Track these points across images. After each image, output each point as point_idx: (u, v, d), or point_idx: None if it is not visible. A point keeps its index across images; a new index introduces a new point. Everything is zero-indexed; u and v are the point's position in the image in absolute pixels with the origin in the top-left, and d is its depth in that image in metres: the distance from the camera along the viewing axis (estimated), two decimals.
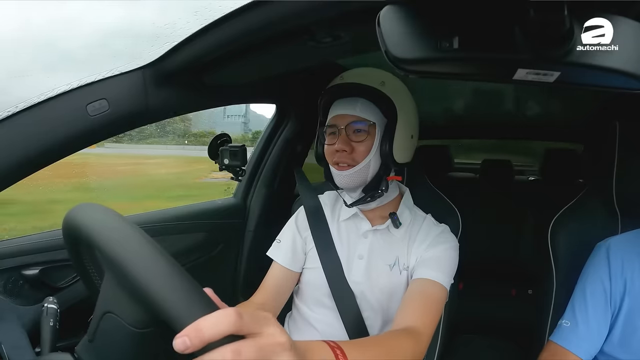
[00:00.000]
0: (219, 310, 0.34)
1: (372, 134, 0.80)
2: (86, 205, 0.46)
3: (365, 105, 0.81)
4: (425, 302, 0.75)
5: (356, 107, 0.80)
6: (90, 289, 0.59)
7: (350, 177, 0.80)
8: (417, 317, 0.72)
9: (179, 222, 1.18)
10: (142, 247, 0.38)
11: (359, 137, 0.80)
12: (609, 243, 0.81)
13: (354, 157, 0.80)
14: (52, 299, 0.57)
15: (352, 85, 0.80)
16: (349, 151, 0.80)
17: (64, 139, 0.69)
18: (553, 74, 0.42)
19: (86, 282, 0.59)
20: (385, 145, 0.80)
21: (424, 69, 0.42)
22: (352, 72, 0.83)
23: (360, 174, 0.81)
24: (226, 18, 0.59)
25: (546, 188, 1.98)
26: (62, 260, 0.88)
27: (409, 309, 0.74)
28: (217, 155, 1.09)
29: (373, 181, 0.82)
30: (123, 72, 0.72)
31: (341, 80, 0.82)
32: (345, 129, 0.81)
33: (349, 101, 0.81)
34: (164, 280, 0.36)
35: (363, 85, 0.80)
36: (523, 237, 1.92)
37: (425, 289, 0.77)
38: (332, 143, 0.82)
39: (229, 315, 0.33)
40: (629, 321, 0.75)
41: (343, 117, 0.81)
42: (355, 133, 0.81)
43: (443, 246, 0.82)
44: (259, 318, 0.35)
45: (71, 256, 0.55)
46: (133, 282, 0.36)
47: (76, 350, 0.48)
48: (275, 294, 0.88)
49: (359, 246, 0.87)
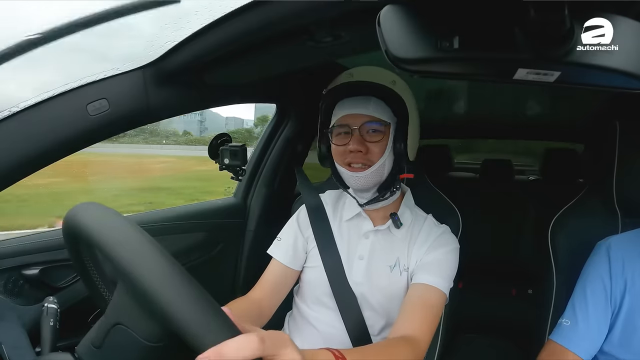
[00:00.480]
0: (241, 335, 0.35)
1: (386, 134, 0.80)
2: (87, 204, 0.46)
3: (378, 104, 0.80)
4: (424, 310, 0.75)
5: (369, 106, 0.79)
6: (91, 289, 0.60)
7: (367, 179, 0.80)
8: (415, 325, 0.72)
9: (179, 222, 1.18)
10: (157, 259, 0.38)
11: (375, 137, 0.79)
12: (609, 242, 0.81)
13: (370, 157, 0.79)
14: (52, 298, 0.57)
15: (364, 84, 0.79)
16: (365, 151, 0.79)
17: (64, 138, 0.69)
18: (553, 74, 0.42)
19: (86, 282, 0.59)
20: (399, 145, 0.80)
21: (424, 69, 0.42)
22: (361, 70, 0.82)
23: (376, 175, 0.80)
24: (227, 18, 0.59)
25: (546, 188, 1.98)
26: (62, 260, 0.88)
27: (408, 317, 0.74)
28: (218, 155, 1.09)
29: (387, 180, 0.82)
30: (123, 72, 0.72)
31: (351, 78, 0.80)
32: (359, 129, 0.79)
33: (361, 100, 0.80)
34: (184, 300, 0.36)
35: (375, 84, 0.78)
36: (523, 237, 1.92)
37: (424, 296, 0.77)
38: (344, 143, 0.80)
39: (252, 341, 0.34)
40: (629, 320, 0.75)
41: (356, 116, 0.80)
42: (370, 133, 0.79)
43: (444, 249, 0.82)
44: (278, 341, 0.37)
45: (71, 256, 0.55)
46: (152, 300, 0.36)
47: (77, 350, 0.48)
48: (273, 291, 0.87)
49: (360, 246, 0.87)
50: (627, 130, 0.90)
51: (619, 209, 0.91)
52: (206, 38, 0.65)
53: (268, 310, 0.85)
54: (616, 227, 0.90)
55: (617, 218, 0.91)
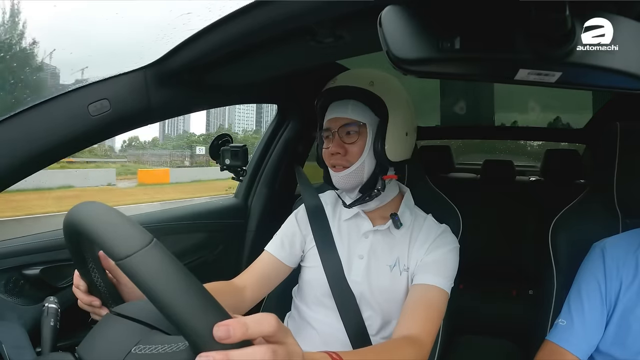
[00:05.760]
0: (261, 314, 0.38)
1: (363, 135, 0.81)
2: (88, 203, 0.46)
3: (356, 106, 0.81)
4: (427, 310, 0.75)
5: (347, 109, 0.82)
6: (91, 289, 0.60)
7: (346, 178, 0.82)
8: (419, 326, 0.72)
9: (180, 222, 1.18)
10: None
11: (351, 138, 0.82)
12: (604, 243, 0.81)
13: (348, 158, 0.81)
14: (53, 298, 0.58)
15: (343, 88, 0.82)
16: (343, 153, 0.81)
17: (65, 139, 0.69)
18: (555, 74, 0.42)
19: (87, 282, 0.59)
20: (377, 145, 0.80)
21: (426, 69, 0.42)
22: (343, 75, 0.85)
23: (356, 175, 0.81)
24: (228, 18, 0.59)
25: (547, 188, 1.98)
26: (62, 260, 0.88)
27: (410, 317, 0.75)
28: (219, 155, 1.09)
29: (369, 181, 0.83)
30: (124, 72, 0.72)
31: (333, 84, 0.83)
32: (338, 132, 0.82)
33: (341, 104, 0.83)
34: (189, 302, 0.36)
35: (352, 87, 0.81)
36: (524, 238, 1.92)
37: (426, 296, 0.77)
38: (328, 146, 0.83)
39: (271, 319, 0.37)
40: (623, 320, 0.76)
41: (336, 120, 0.83)
42: (347, 135, 0.82)
43: (444, 249, 0.83)
44: (286, 329, 0.40)
45: (72, 255, 0.55)
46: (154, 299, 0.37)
47: (77, 350, 0.48)
48: (259, 282, 0.87)
49: (360, 246, 0.87)
50: (628, 131, 0.90)
51: (619, 210, 0.91)
52: (208, 38, 0.65)
53: (250, 300, 0.84)
54: (617, 228, 0.90)
55: (618, 219, 0.91)
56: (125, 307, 0.51)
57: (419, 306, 0.76)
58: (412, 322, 0.73)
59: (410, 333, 0.71)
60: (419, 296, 0.78)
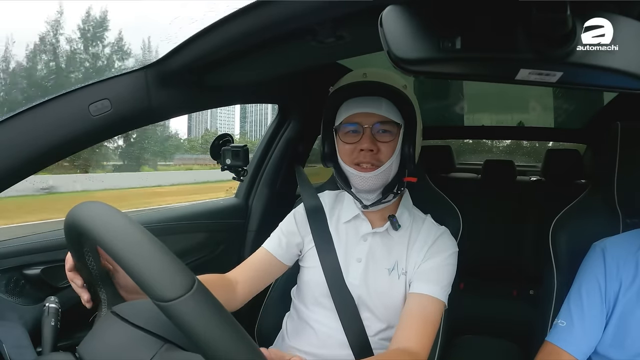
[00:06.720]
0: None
1: (396, 135, 0.81)
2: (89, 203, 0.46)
3: (389, 106, 0.80)
4: (423, 323, 0.76)
5: (381, 106, 0.79)
6: (92, 289, 0.60)
7: (374, 179, 0.80)
8: (415, 338, 0.74)
9: (181, 222, 1.18)
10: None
11: (385, 137, 0.80)
12: (604, 243, 0.81)
13: (379, 157, 0.79)
14: (54, 298, 0.58)
15: (377, 85, 0.79)
16: (375, 151, 0.79)
17: (66, 139, 0.69)
18: (555, 74, 0.42)
19: (88, 282, 0.59)
20: (406, 148, 0.81)
21: (427, 69, 0.42)
22: (374, 72, 0.82)
23: (383, 175, 0.81)
24: (229, 18, 0.59)
25: (548, 188, 1.98)
26: (63, 260, 0.88)
27: (407, 329, 0.76)
28: (219, 155, 1.09)
29: (392, 182, 0.83)
30: (125, 72, 0.72)
31: (364, 78, 0.80)
32: (370, 128, 0.79)
33: (373, 100, 0.80)
34: None
35: (389, 86, 0.79)
36: (524, 237, 1.92)
37: (424, 309, 0.78)
38: (354, 142, 0.80)
39: None
40: (622, 321, 0.75)
41: (368, 115, 0.79)
42: (381, 133, 0.80)
43: (442, 255, 0.83)
44: None
45: (73, 255, 0.56)
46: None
47: (77, 349, 0.48)
48: (252, 277, 0.86)
49: (358, 249, 0.87)
50: (629, 131, 0.90)
51: (620, 210, 0.91)
52: (209, 39, 0.65)
53: (241, 295, 0.84)
54: (617, 228, 0.90)
55: (619, 219, 0.91)
56: (126, 309, 0.51)
57: (416, 319, 0.77)
58: (408, 334, 0.75)
59: (407, 345, 0.72)
60: (417, 308, 0.78)
